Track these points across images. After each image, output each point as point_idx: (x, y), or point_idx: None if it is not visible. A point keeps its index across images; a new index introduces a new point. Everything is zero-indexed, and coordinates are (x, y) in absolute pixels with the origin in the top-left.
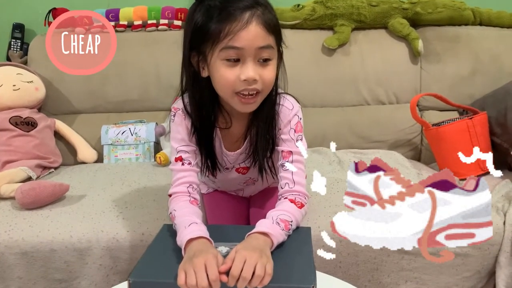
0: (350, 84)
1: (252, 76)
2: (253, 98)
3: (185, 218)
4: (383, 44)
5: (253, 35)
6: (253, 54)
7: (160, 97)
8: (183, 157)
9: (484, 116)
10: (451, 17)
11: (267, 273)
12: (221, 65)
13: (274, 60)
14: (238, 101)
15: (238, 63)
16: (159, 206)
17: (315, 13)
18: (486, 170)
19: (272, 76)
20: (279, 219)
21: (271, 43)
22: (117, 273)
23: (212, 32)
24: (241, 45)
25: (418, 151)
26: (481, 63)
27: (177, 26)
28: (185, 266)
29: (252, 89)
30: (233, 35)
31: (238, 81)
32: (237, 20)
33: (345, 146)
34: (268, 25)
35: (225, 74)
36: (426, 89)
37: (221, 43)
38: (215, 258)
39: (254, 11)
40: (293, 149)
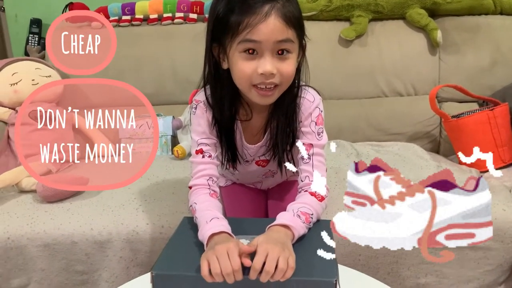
0: (367, 76)
1: (269, 70)
2: (271, 91)
3: (206, 212)
4: (401, 35)
5: (271, 28)
6: (271, 47)
7: (176, 90)
8: (203, 149)
9: (505, 107)
10: (471, 7)
11: (289, 267)
12: (239, 57)
13: (294, 54)
14: (255, 93)
15: (256, 56)
16: (178, 199)
17: (331, 4)
18: (507, 162)
19: (291, 69)
20: (299, 212)
21: (290, 36)
22: (137, 265)
23: (232, 24)
24: (259, 38)
25: (437, 143)
26: (502, 54)
27: (192, 20)
28: (207, 255)
29: (269, 82)
30: (251, 28)
31: (256, 74)
32: (256, 13)
33: (362, 139)
34: (288, 18)
35: (243, 67)
36: (445, 80)
37: (240, 36)
38: (237, 246)
39: (274, 4)
40: (313, 142)
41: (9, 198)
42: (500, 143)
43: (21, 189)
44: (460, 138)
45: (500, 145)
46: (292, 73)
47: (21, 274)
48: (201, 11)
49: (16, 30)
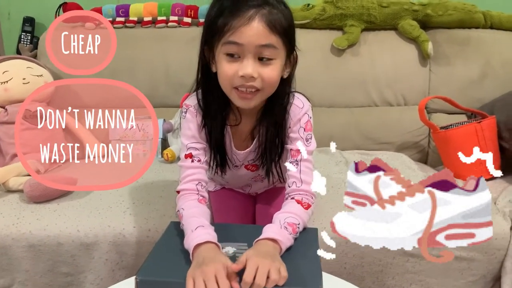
0: (358, 85)
1: (250, 73)
2: (251, 94)
3: (192, 220)
4: (393, 45)
5: (254, 32)
6: (253, 51)
7: (168, 93)
8: (193, 154)
9: (492, 120)
10: (462, 20)
11: (282, 276)
12: (222, 58)
13: (278, 60)
14: (236, 95)
15: (238, 59)
16: (166, 203)
17: (325, 13)
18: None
19: (273, 75)
20: (286, 223)
21: (273, 42)
22: (123, 268)
23: (219, 26)
24: (241, 41)
25: (425, 153)
26: (491, 67)
27: (186, 23)
28: (194, 274)
29: (250, 86)
30: (234, 30)
31: (236, 76)
32: (241, 16)
33: (352, 147)
34: (272, 25)
35: (225, 68)
36: (435, 91)
37: (224, 37)
38: (225, 268)
39: (260, 9)
40: (301, 148)
41: None
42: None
43: (8, 188)
44: (448, 150)
45: None
46: (275, 79)
47: (4, 274)
48: (195, 15)
49: (9, 28)
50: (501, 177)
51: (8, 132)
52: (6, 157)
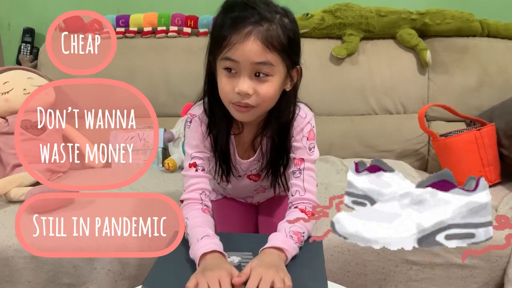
0: (357, 93)
1: (245, 90)
2: (247, 109)
3: (197, 230)
4: (391, 54)
5: (248, 49)
6: (249, 68)
7: (168, 103)
8: (197, 163)
9: (492, 127)
10: (459, 28)
11: (286, 285)
12: (222, 73)
13: (276, 77)
14: (233, 109)
15: (235, 74)
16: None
17: (324, 22)
18: (493, 182)
19: (270, 92)
20: (291, 232)
21: (269, 59)
22: (125, 279)
23: (219, 39)
24: (236, 58)
25: (425, 161)
26: (489, 75)
27: (186, 33)
28: (197, 276)
29: (245, 103)
30: (231, 47)
31: (233, 92)
32: (238, 33)
33: (352, 155)
34: (268, 42)
35: (223, 84)
36: (434, 99)
37: (222, 52)
38: (229, 275)
39: (257, 27)
40: (304, 157)
41: None
42: (486, 163)
43: (9, 199)
44: (448, 157)
45: (486, 165)
46: (271, 95)
47: (6, 286)
48: (195, 25)
49: (9, 39)
50: (501, 184)
51: (8, 143)
52: (7, 168)
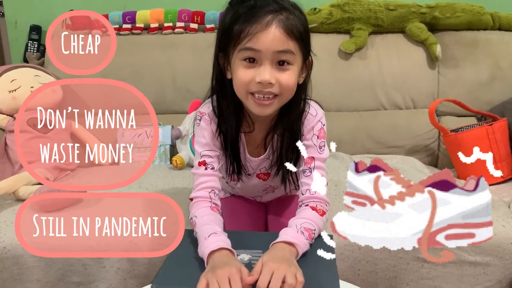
0: (367, 88)
1: (267, 79)
2: (269, 101)
3: (206, 227)
4: (401, 48)
5: (271, 38)
6: (271, 57)
7: (176, 100)
8: (206, 161)
9: (504, 122)
10: (470, 22)
11: (298, 281)
12: (239, 65)
13: (295, 66)
14: (252, 102)
15: (256, 64)
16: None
17: (332, 17)
18: (506, 178)
19: (291, 80)
20: (303, 228)
21: (291, 48)
22: (134, 277)
23: (235, 33)
24: (258, 47)
25: (435, 157)
26: (500, 69)
27: (193, 29)
28: (207, 275)
29: (267, 92)
30: (251, 37)
31: (253, 82)
32: (258, 22)
33: (361, 151)
34: (289, 30)
35: (241, 74)
36: (444, 94)
37: (241, 44)
38: (239, 272)
39: (277, 15)
40: (315, 155)
41: (6, 206)
42: (498, 159)
43: (18, 197)
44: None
45: (498, 161)
46: (292, 84)
47: (16, 284)
48: (202, 21)
49: (16, 36)
50: None
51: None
52: (16, 166)
